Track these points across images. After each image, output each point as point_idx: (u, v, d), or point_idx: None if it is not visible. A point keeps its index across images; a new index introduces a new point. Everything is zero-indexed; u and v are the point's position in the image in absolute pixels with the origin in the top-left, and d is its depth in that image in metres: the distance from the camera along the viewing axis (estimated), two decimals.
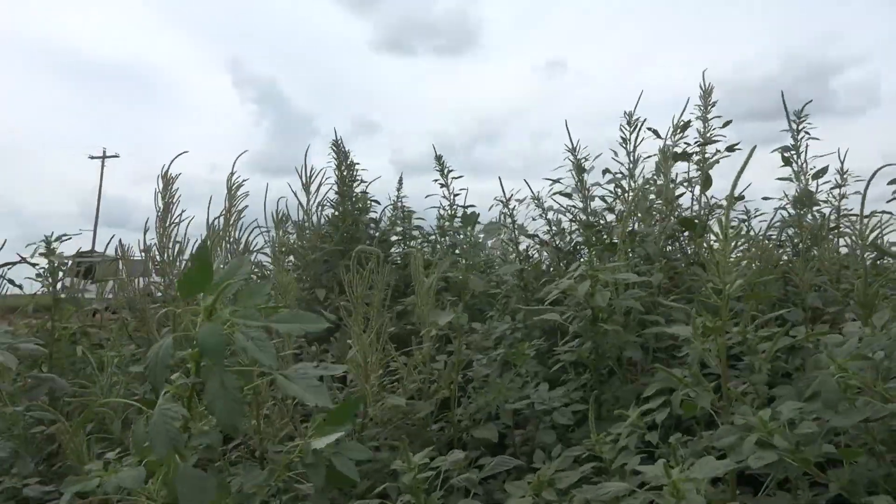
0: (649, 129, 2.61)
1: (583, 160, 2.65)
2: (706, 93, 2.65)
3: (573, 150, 2.68)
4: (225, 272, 1.05)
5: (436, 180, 2.89)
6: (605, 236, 2.51)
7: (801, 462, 1.06)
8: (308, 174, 3.17)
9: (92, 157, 31.09)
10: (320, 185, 3.19)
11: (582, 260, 2.62)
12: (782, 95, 2.48)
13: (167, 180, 2.73)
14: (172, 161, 2.80)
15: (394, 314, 2.02)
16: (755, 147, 1.80)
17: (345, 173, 3.27)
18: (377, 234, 3.12)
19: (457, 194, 2.88)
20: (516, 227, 2.64)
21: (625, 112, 2.68)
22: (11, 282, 2.21)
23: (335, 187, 3.23)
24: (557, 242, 2.70)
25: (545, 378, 1.97)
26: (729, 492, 1.20)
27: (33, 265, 2.14)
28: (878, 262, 1.87)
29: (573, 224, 2.66)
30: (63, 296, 2.25)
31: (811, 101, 2.43)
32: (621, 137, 2.68)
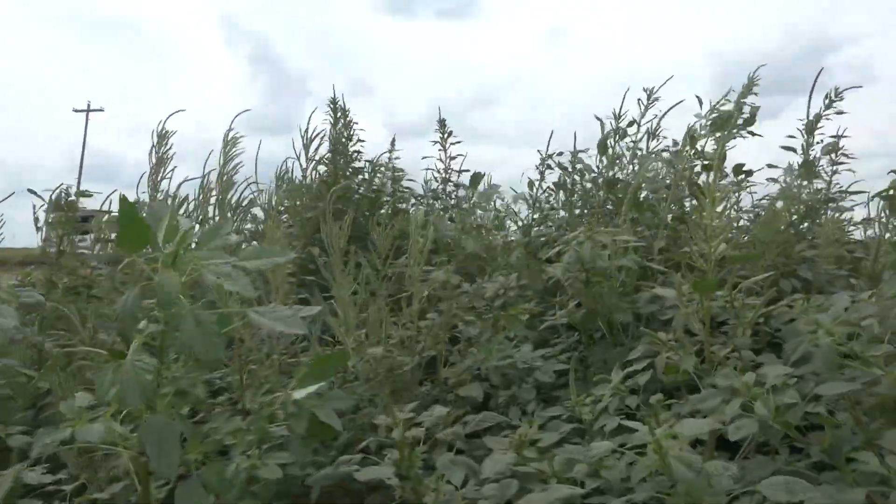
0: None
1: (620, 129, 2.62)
2: (750, 84, 2.58)
3: (617, 117, 2.67)
4: (208, 233, 1.04)
5: (434, 142, 2.86)
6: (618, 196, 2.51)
7: (782, 426, 1.05)
8: (309, 135, 3.15)
9: (76, 111, 30.29)
10: (319, 145, 3.17)
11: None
12: (818, 74, 2.47)
13: (161, 136, 2.71)
14: (168, 118, 2.78)
15: (388, 275, 2.01)
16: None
17: (342, 132, 3.23)
18: (370, 194, 3.09)
19: (453, 157, 2.86)
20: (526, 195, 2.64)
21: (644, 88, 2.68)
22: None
23: (330, 147, 3.20)
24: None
25: (535, 340, 1.97)
26: (707, 454, 1.20)
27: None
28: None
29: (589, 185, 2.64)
30: (65, 249, 2.26)
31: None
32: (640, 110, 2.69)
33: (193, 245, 0.99)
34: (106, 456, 1.39)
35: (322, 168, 3.08)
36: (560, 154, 2.66)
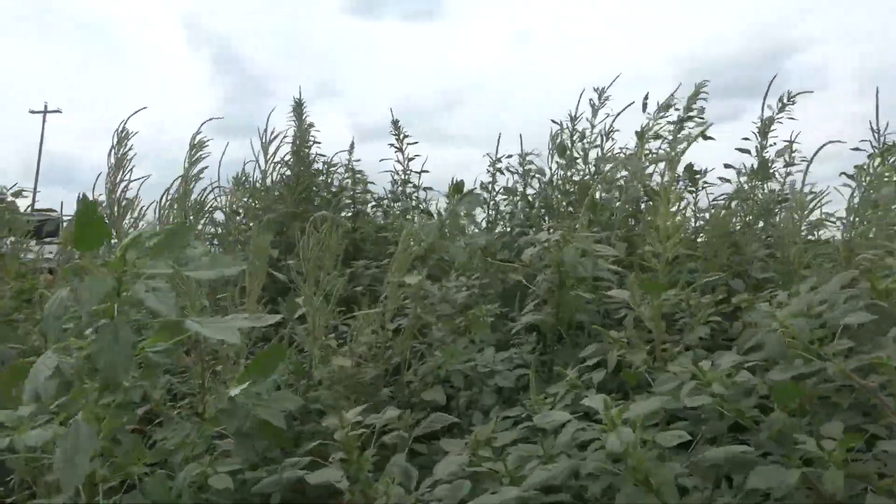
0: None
1: (576, 131, 2.65)
2: (696, 91, 2.61)
3: (573, 119, 2.70)
4: (164, 240, 1.01)
5: (391, 145, 2.86)
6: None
7: (734, 412, 1.07)
8: (268, 136, 3.12)
9: (33, 112, 29.39)
10: (279, 147, 3.14)
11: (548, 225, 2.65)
12: (772, 79, 2.52)
13: (121, 136, 2.64)
14: (129, 117, 2.71)
15: (343, 276, 1.99)
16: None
17: (299, 135, 3.21)
18: (329, 196, 3.08)
19: (411, 159, 2.85)
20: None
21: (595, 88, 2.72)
22: None
23: (292, 149, 3.17)
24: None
25: (498, 342, 1.97)
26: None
27: None
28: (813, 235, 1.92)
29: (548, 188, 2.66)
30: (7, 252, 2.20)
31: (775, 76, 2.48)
32: (592, 110, 2.71)
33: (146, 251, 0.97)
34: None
35: (284, 170, 3.05)
36: (510, 156, 2.69)
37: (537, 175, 2.70)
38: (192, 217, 2.47)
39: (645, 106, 2.57)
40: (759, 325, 1.12)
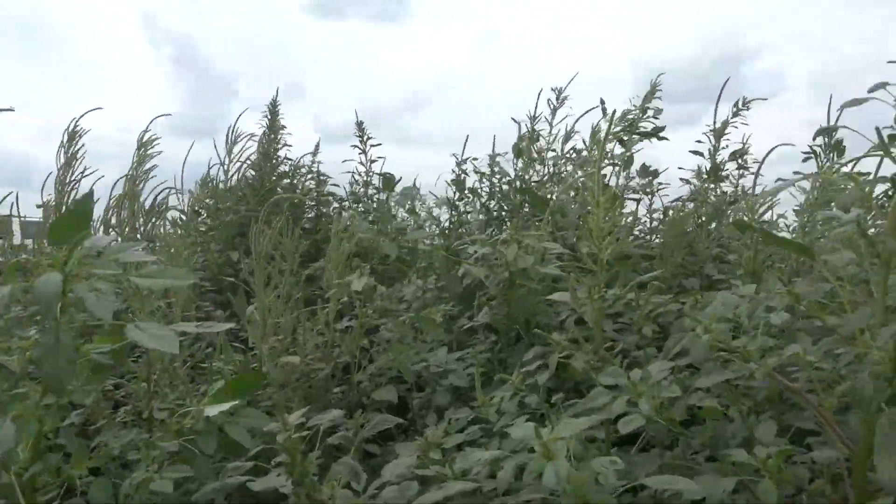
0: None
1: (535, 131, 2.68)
2: (652, 89, 2.66)
3: (532, 119, 2.73)
4: (117, 245, 1.01)
5: (354, 146, 2.86)
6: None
7: (666, 421, 1.10)
8: (233, 135, 3.10)
9: None
10: (244, 147, 3.13)
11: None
12: (724, 83, 2.59)
13: (71, 135, 2.60)
14: (81, 116, 2.67)
15: (301, 278, 1.98)
16: None
17: (270, 136, 3.18)
18: (295, 200, 3.06)
19: (374, 160, 2.85)
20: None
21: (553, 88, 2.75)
22: None
23: (259, 150, 3.15)
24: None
25: (457, 343, 1.99)
26: (605, 449, 1.24)
27: None
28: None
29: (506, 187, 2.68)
30: None
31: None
32: (550, 110, 2.75)
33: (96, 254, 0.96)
34: None
35: (249, 171, 3.03)
36: (475, 159, 2.70)
37: (498, 176, 2.72)
38: (141, 218, 2.44)
39: (604, 112, 2.61)
40: (686, 328, 1.14)
